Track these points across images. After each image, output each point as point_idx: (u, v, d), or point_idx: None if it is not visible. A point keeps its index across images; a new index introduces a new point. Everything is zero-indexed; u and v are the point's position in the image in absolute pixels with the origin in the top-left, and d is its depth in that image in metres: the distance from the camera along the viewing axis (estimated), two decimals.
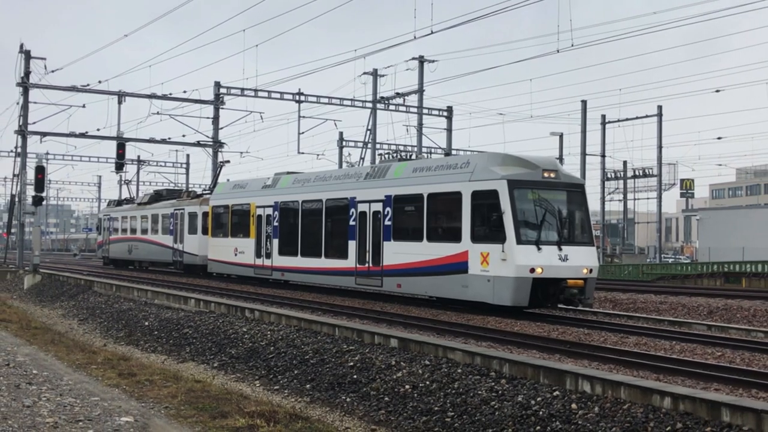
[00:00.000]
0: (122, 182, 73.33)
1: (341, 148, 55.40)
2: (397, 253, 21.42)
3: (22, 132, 40.76)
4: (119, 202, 48.72)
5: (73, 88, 41.10)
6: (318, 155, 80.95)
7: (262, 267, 28.35)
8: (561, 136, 58.34)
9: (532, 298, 18.03)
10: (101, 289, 29.18)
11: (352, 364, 13.70)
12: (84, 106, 43.44)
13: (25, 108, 40.60)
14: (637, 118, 55.97)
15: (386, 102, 47.65)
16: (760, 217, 63.53)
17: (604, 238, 61.30)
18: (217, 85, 42.89)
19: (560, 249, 18.28)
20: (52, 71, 42.55)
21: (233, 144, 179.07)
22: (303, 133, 45.55)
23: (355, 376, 13.16)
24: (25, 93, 40.62)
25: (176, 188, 56.65)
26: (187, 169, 75.77)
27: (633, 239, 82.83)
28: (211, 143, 43.65)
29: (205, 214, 34.31)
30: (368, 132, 48.40)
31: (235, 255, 29.98)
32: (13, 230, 50.34)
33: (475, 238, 18.87)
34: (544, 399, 10.40)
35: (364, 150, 50.23)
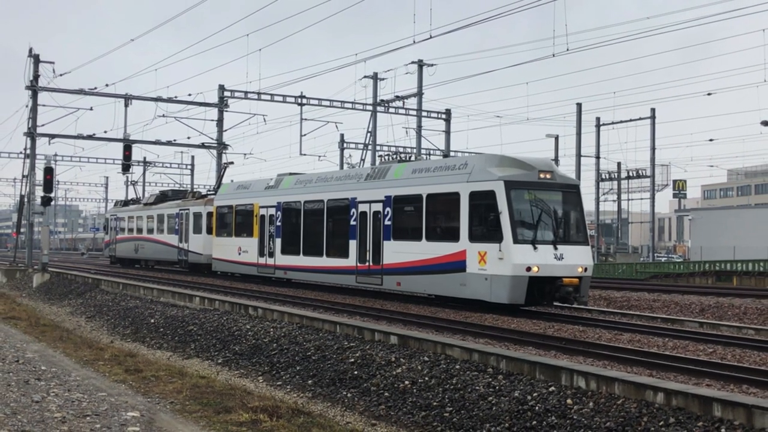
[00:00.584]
0: (129, 183, 73.59)
1: (342, 149, 55.61)
2: (396, 252, 21.61)
3: (31, 134, 41.05)
4: (126, 203, 48.92)
5: (80, 92, 41.37)
6: (320, 157, 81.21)
7: (265, 266, 28.61)
8: (557, 138, 58.51)
9: (528, 296, 18.19)
10: (108, 288, 29.42)
11: (352, 360, 13.86)
12: (91, 109, 43.74)
13: (34, 111, 40.89)
14: (630, 120, 56.17)
15: (386, 105, 47.80)
16: (750, 217, 63.61)
17: (599, 238, 61.49)
18: (221, 88, 43.08)
19: (556, 248, 18.45)
20: (61, 75, 42.75)
21: (237, 146, 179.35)
22: (305, 135, 45.86)
23: (355, 372, 13.31)
24: (34, 96, 40.89)
25: (181, 189, 56.77)
26: (192, 170, 76.07)
27: (627, 239, 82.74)
28: (215, 145, 43.86)
29: (209, 214, 34.58)
30: (368, 134, 48.57)
31: (239, 254, 30.25)
32: (22, 230, 50.61)
33: (473, 237, 19.03)
34: (540, 394, 10.53)
35: (364, 151, 50.35)
